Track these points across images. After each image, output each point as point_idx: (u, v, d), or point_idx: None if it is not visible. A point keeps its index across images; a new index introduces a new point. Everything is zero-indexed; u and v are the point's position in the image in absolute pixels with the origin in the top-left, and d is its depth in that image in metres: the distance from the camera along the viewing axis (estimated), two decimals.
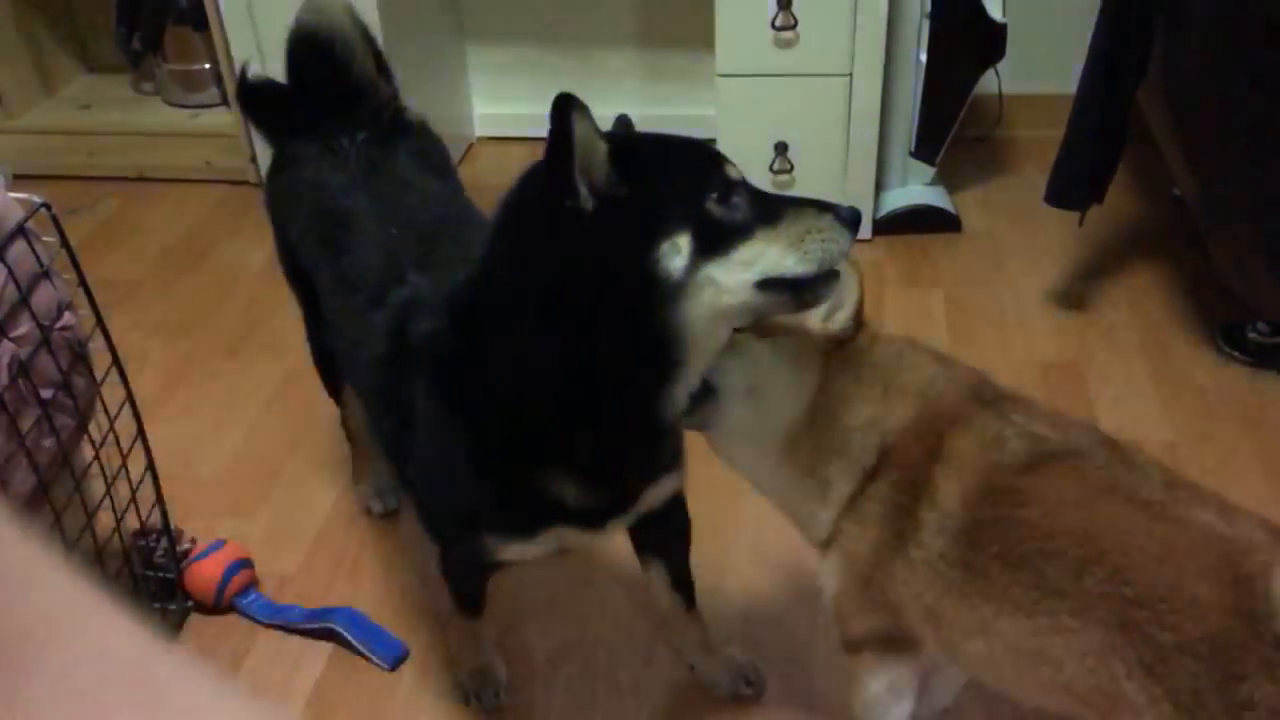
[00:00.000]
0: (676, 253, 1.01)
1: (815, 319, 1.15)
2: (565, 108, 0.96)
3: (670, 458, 1.25)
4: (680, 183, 1.05)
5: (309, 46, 1.48)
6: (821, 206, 1.07)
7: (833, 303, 1.12)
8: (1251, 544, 0.97)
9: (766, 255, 1.04)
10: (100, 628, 0.33)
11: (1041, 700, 1.11)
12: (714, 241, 1.02)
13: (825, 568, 1.21)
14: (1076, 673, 1.01)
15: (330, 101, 1.48)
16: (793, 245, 1.05)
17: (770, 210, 1.06)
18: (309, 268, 1.50)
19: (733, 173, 1.07)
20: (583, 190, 0.99)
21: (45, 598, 0.33)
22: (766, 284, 1.05)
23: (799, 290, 1.07)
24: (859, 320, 1.15)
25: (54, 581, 0.33)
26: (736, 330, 1.12)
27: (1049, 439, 1.10)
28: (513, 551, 1.27)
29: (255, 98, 1.58)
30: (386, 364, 1.27)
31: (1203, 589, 0.95)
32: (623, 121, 1.15)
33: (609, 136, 1.03)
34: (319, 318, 1.53)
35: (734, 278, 1.03)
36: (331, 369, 1.66)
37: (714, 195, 1.04)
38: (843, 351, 1.15)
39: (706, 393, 1.14)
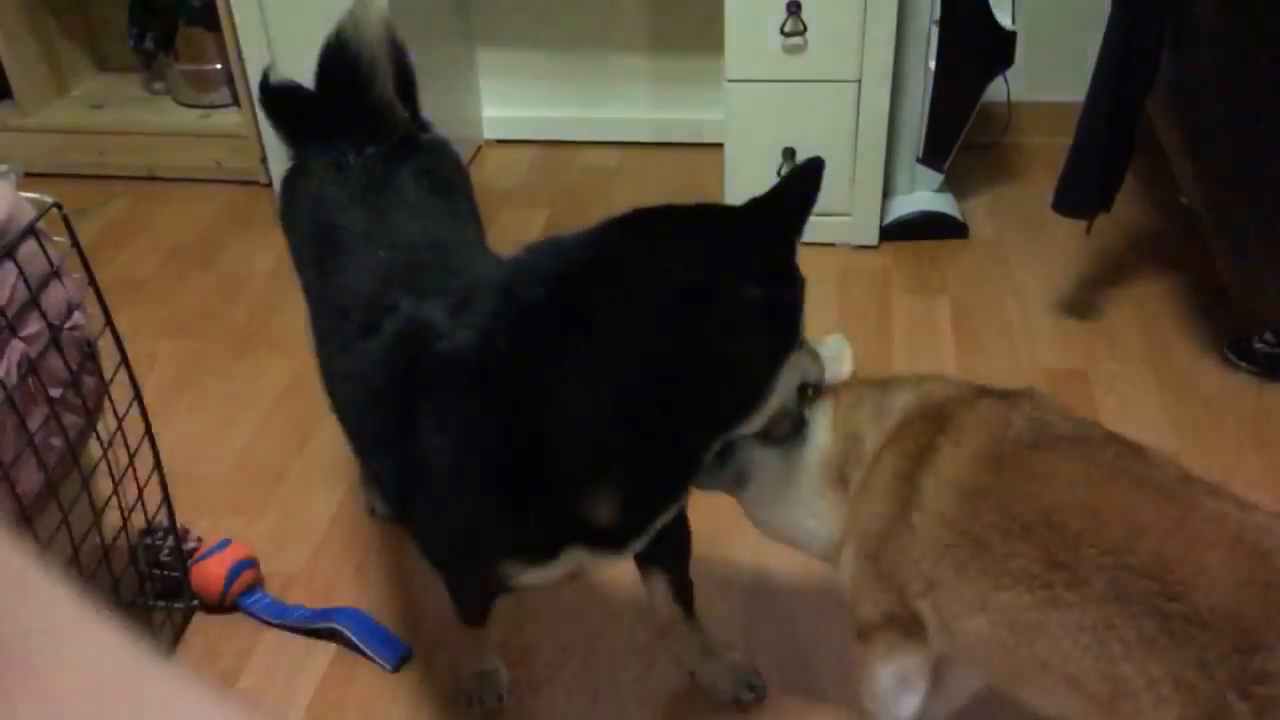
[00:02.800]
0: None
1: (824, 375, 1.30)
2: (821, 172, 1.10)
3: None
4: None
5: (337, 58, 1.45)
6: None
7: (836, 365, 1.29)
8: (1268, 526, 0.96)
9: (811, 364, 1.24)
10: (91, 641, 0.33)
11: (1041, 693, 1.09)
12: None
13: (843, 557, 1.23)
14: (1073, 651, 0.99)
15: (346, 116, 1.46)
16: (815, 358, 1.25)
17: None
18: (302, 282, 1.49)
19: None
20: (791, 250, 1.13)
21: (35, 610, 0.32)
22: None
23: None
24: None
25: (45, 594, 0.33)
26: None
27: (1058, 425, 1.11)
28: (530, 577, 1.25)
29: (275, 101, 1.56)
30: (387, 395, 1.20)
31: (1214, 558, 0.94)
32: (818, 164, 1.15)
33: None
34: None
35: (803, 373, 1.22)
36: None
37: None
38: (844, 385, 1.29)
39: (725, 452, 1.24)
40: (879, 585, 1.18)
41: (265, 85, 1.56)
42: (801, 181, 1.12)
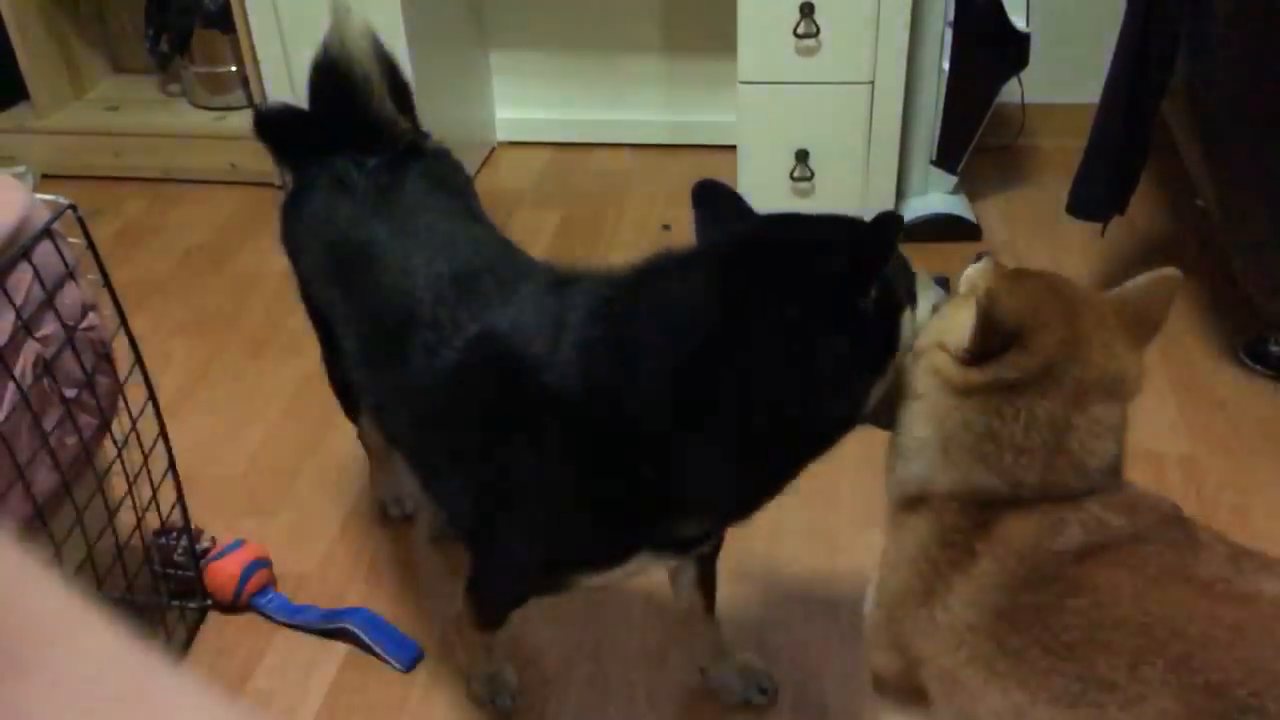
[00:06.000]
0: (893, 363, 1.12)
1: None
2: (896, 227, 1.05)
3: None
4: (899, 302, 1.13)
5: (330, 80, 1.43)
6: None
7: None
8: None
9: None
10: (96, 643, 0.33)
11: None
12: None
13: (870, 586, 1.18)
14: None
15: (346, 135, 1.44)
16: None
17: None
18: (321, 303, 1.47)
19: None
20: (873, 293, 1.07)
21: (39, 610, 0.32)
22: None
23: None
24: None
25: (48, 594, 0.33)
26: None
27: (1111, 525, 1.03)
28: (595, 580, 1.26)
29: (270, 126, 1.54)
30: (468, 416, 1.19)
31: None
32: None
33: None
34: (335, 348, 1.48)
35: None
36: (350, 395, 1.65)
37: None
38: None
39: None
40: (890, 644, 1.14)
41: (258, 115, 1.54)
42: (890, 227, 1.07)
